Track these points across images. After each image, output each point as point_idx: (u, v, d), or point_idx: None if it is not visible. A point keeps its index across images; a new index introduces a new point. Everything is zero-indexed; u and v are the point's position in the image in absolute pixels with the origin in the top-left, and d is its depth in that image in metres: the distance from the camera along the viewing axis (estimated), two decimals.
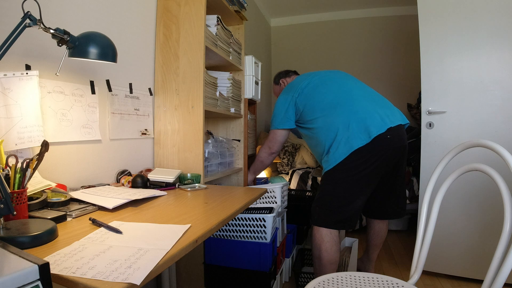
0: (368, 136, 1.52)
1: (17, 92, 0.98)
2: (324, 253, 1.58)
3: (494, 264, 0.86)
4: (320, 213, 1.61)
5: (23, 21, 0.80)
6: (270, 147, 1.93)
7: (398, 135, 1.58)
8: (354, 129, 1.54)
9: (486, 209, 1.94)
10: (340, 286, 1.06)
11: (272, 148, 1.93)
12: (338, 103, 1.64)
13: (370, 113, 1.57)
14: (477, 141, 0.99)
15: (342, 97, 1.66)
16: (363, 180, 1.56)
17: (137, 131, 1.59)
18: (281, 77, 2.16)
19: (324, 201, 1.61)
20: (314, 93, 1.72)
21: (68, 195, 1.00)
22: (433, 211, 1.10)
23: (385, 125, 1.54)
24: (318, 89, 1.73)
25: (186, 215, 0.94)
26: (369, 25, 3.91)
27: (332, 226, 1.58)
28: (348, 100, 1.64)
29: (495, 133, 1.92)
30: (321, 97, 1.69)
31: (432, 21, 2.03)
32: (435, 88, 2.04)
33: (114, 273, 0.55)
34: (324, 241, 1.58)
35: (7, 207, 0.66)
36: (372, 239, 1.89)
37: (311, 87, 1.74)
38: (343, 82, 1.75)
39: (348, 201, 1.58)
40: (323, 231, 1.59)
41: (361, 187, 1.57)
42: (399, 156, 1.62)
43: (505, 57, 1.89)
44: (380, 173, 1.59)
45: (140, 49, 1.60)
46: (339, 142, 1.56)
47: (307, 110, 1.71)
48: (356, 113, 1.58)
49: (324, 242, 1.58)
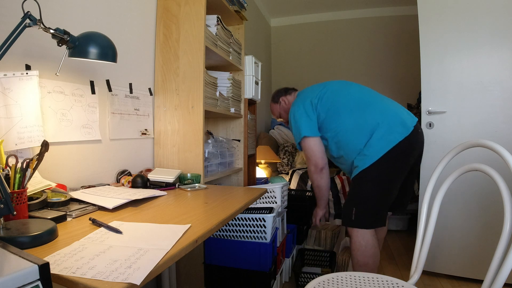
0: (406, 129, 1.53)
1: (17, 92, 0.98)
2: (372, 259, 1.52)
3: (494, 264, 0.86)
4: (358, 214, 1.53)
5: (23, 21, 0.80)
6: (315, 163, 1.72)
7: (421, 130, 1.64)
8: (391, 123, 1.54)
9: (486, 209, 1.94)
10: (340, 286, 1.06)
11: (317, 163, 1.71)
12: (367, 103, 1.63)
13: (399, 109, 1.62)
14: (477, 141, 0.99)
15: (367, 97, 1.66)
16: (401, 173, 1.56)
17: (137, 131, 1.59)
18: (280, 96, 2.02)
19: (364, 200, 1.55)
20: (337, 96, 1.68)
21: (68, 195, 1.00)
22: (433, 211, 1.09)
23: (414, 120, 1.59)
24: (340, 92, 1.69)
25: (186, 215, 0.94)
26: (369, 25, 3.91)
27: (372, 225, 1.54)
28: (374, 99, 1.65)
29: (495, 133, 1.92)
30: (346, 99, 1.66)
31: (432, 21, 2.03)
32: (435, 88, 2.04)
33: (114, 273, 0.55)
34: (370, 244, 1.52)
35: (7, 207, 0.66)
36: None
37: (331, 92, 1.70)
38: (359, 87, 1.75)
39: (387, 197, 1.56)
40: (366, 234, 1.53)
41: (399, 180, 1.57)
42: (421, 150, 1.65)
43: (505, 57, 1.89)
44: (410, 165, 1.59)
45: (140, 49, 1.60)
46: (378, 139, 1.53)
47: (331, 114, 1.65)
48: (388, 109, 1.59)
49: (369, 246, 1.52)
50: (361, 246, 1.53)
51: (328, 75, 3.94)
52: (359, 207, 1.55)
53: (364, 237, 1.53)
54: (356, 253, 1.55)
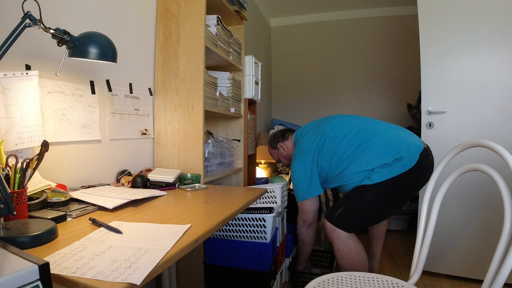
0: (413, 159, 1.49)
1: (17, 92, 0.98)
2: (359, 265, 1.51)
3: (494, 264, 0.86)
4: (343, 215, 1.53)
5: (23, 21, 0.80)
6: (304, 220, 1.76)
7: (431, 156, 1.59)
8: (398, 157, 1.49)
9: (486, 209, 1.94)
10: (340, 286, 1.06)
11: (307, 219, 1.75)
12: (368, 140, 1.58)
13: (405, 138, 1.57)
14: (477, 141, 0.99)
15: (368, 132, 1.60)
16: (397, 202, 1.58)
17: (137, 131, 1.59)
18: (278, 141, 1.98)
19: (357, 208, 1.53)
20: (337, 144, 1.63)
21: (68, 195, 1.00)
22: (433, 211, 1.10)
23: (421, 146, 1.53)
24: (337, 138, 1.64)
25: (186, 215, 0.94)
26: (369, 25, 3.91)
27: (349, 230, 1.53)
28: (377, 132, 1.59)
29: (495, 133, 1.92)
30: (346, 146, 1.61)
31: (432, 21, 2.03)
32: (435, 88, 2.04)
33: (114, 273, 0.55)
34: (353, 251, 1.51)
35: (7, 207, 0.66)
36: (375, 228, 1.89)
37: (330, 139, 1.66)
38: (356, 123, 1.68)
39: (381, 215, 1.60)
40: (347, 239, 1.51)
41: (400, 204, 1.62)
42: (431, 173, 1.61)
43: (505, 57, 1.89)
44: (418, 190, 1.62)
45: (140, 49, 1.60)
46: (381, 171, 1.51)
47: (335, 164, 1.62)
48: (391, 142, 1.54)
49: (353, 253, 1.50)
50: (344, 252, 1.51)
51: (328, 75, 3.94)
52: (347, 210, 1.53)
53: (346, 242, 1.51)
54: (341, 261, 1.53)
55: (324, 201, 2.93)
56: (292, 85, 4.16)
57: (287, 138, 1.97)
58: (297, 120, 4.07)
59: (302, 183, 1.70)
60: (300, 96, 4.06)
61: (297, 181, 1.73)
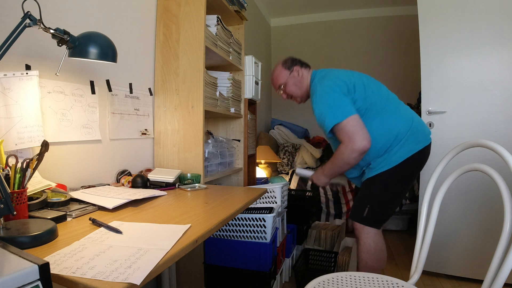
0: (426, 139, 1.53)
1: (17, 92, 0.98)
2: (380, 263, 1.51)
3: (494, 264, 0.86)
4: (371, 212, 1.50)
5: (23, 21, 0.80)
6: (354, 148, 1.40)
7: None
8: (415, 131, 1.51)
9: (486, 209, 1.94)
10: (340, 286, 1.06)
11: (365, 144, 1.40)
12: (394, 105, 1.54)
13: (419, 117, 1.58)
14: (477, 141, 0.99)
15: (392, 99, 1.57)
16: (413, 180, 1.56)
17: (137, 131, 1.59)
18: (295, 64, 1.69)
19: (379, 201, 1.52)
20: (368, 91, 1.51)
21: (68, 195, 1.00)
22: (433, 211, 1.09)
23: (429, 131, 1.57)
24: (369, 87, 1.53)
25: (186, 215, 0.94)
26: (369, 25, 3.91)
27: (379, 225, 1.53)
28: (399, 102, 1.58)
29: (495, 133, 1.92)
30: (375, 97, 1.51)
31: (432, 21, 2.03)
32: (435, 88, 2.04)
33: (114, 273, 0.55)
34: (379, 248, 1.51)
35: (7, 207, 0.66)
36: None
37: (362, 85, 1.52)
38: (383, 87, 1.62)
39: (398, 201, 1.58)
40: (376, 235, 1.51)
41: (409, 187, 1.59)
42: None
43: (505, 58, 1.89)
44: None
45: (140, 49, 1.60)
46: (401, 145, 1.48)
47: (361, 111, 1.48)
48: (411, 116, 1.54)
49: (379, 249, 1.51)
50: (371, 248, 1.50)
51: None
52: (374, 206, 1.51)
53: (374, 238, 1.51)
54: (365, 255, 1.51)
55: (324, 201, 2.93)
56: None
57: (306, 68, 1.70)
58: (297, 120, 4.07)
59: (340, 101, 1.43)
60: None
61: (329, 102, 1.44)
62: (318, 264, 2.15)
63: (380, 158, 1.51)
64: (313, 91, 1.55)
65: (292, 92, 1.68)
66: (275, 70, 1.74)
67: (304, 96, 1.70)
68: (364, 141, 1.39)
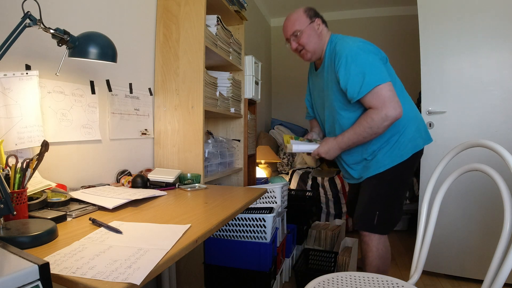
0: (429, 137, 1.49)
1: (17, 92, 0.98)
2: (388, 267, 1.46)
3: (494, 264, 0.86)
4: (381, 219, 1.40)
5: (23, 21, 0.80)
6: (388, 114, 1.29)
7: None
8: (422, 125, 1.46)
9: (486, 209, 1.94)
10: (340, 286, 1.06)
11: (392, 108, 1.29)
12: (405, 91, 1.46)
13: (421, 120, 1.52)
14: (477, 141, 0.99)
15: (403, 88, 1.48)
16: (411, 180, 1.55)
17: (137, 131, 1.59)
18: (318, 16, 1.51)
19: (389, 204, 1.42)
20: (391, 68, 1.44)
21: (68, 195, 1.00)
22: (433, 211, 1.09)
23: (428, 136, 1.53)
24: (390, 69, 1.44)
25: (186, 215, 0.94)
26: (369, 25, 3.91)
27: (389, 231, 1.44)
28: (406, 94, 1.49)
29: (495, 133, 1.92)
30: (395, 77, 1.45)
31: (432, 21, 2.03)
32: (435, 88, 2.04)
33: (114, 273, 0.55)
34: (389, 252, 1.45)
35: (7, 207, 0.66)
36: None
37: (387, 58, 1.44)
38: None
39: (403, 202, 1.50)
40: (386, 240, 1.43)
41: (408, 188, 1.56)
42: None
43: (504, 57, 1.89)
44: None
45: (140, 49, 1.60)
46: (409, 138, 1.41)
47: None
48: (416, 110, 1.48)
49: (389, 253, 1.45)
50: (383, 253, 1.43)
51: None
52: (384, 211, 1.41)
53: (386, 243, 1.45)
54: (378, 262, 1.43)
55: (324, 201, 2.93)
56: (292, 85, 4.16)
57: (326, 25, 1.54)
58: (297, 120, 4.07)
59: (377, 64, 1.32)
60: (300, 96, 4.06)
61: (368, 61, 1.32)
62: (318, 264, 2.14)
63: (387, 148, 1.41)
64: (339, 53, 1.38)
65: (306, 43, 1.47)
66: (293, 14, 1.51)
67: (317, 53, 1.50)
68: (398, 109, 1.30)
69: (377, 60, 1.34)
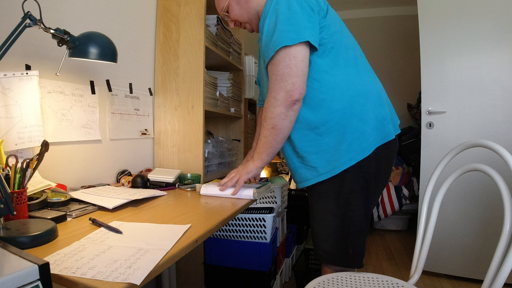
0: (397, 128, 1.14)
1: (17, 92, 0.98)
2: None
3: (494, 264, 0.86)
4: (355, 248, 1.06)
5: (23, 21, 0.80)
6: (288, 90, 0.96)
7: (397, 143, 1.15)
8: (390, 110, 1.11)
9: (486, 209, 1.94)
10: (340, 286, 1.06)
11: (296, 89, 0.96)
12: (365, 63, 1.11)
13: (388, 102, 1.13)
14: (477, 141, 0.99)
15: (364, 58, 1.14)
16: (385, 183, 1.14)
17: (137, 131, 1.59)
18: None
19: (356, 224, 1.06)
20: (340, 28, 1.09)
21: (68, 195, 1.00)
22: (433, 211, 1.09)
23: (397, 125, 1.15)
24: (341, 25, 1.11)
25: (186, 215, 0.94)
26: (369, 25, 3.91)
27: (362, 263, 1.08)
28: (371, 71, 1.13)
29: (495, 133, 1.92)
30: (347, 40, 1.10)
31: (432, 21, 2.03)
32: (435, 88, 2.04)
33: (114, 273, 0.55)
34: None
35: (7, 207, 0.66)
36: None
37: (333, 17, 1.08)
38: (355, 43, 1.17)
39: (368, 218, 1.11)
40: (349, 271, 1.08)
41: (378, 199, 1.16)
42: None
43: (505, 57, 1.89)
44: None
45: (140, 49, 1.60)
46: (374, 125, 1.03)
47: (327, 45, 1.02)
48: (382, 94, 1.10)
49: None
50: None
51: None
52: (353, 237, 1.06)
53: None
54: None
55: None
56: None
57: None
58: None
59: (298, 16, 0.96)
60: None
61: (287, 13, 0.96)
62: (318, 264, 2.15)
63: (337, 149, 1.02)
64: (267, 5, 1.05)
65: (238, 16, 1.22)
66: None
67: (253, 20, 1.24)
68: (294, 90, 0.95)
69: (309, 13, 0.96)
